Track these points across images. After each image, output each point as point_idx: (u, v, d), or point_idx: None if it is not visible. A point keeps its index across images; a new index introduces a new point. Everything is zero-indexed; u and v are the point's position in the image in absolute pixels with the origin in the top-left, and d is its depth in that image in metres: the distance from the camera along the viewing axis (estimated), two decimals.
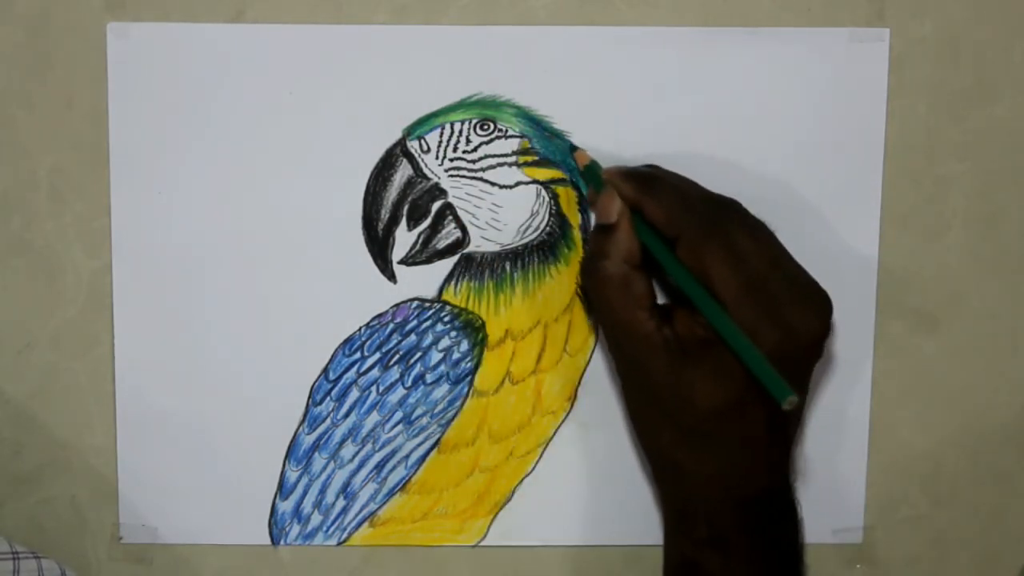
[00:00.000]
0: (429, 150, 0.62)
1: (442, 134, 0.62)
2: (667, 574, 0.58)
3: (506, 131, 0.62)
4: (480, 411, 0.63)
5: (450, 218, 0.62)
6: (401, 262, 0.63)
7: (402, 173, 0.62)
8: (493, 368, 0.63)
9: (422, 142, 0.62)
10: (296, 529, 0.64)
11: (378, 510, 0.64)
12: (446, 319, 0.63)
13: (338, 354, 0.63)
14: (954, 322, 0.64)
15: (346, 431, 0.63)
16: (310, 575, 0.65)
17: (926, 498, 0.65)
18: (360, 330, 0.63)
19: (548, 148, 0.62)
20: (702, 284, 0.53)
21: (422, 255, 0.63)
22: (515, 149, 0.62)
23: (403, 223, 0.62)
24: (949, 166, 0.63)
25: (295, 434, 0.64)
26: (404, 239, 0.62)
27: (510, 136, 0.62)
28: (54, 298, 0.63)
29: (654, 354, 0.54)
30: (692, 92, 0.62)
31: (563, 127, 0.62)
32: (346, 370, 0.63)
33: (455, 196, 0.62)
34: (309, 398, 0.63)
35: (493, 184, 0.62)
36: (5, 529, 0.63)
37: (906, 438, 0.65)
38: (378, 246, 0.62)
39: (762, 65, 0.62)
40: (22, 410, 0.63)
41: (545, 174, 0.62)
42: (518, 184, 0.62)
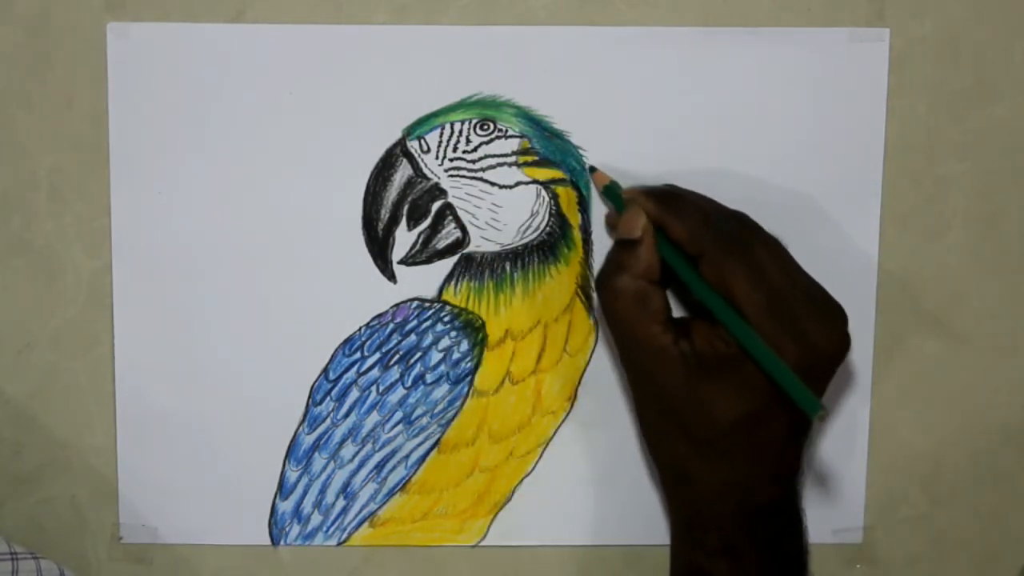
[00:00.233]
0: (429, 150, 0.62)
1: (442, 134, 0.62)
2: None
3: (506, 131, 0.62)
4: (480, 411, 0.63)
5: (450, 218, 0.62)
6: (401, 262, 0.63)
7: (402, 173, 0.62)
8: (493, 368, 0.63)
9: (422, 142, 0.62)
10: (296, 529, 0.64)
11: (378, 510, 0.64)
12: (446, 319, 0.63)
13: (338, 354, 0.63)
14: (954, 322, 0.64)
15: (346, 431, 0.63)
16: (310, 575, 0.65)
17: (926, 498, 0.65)
18: (360, 330, 0.63)
19: (548, 148, 0.62)
20: (724, 300, 0.54)
21: (422, 255, 0.63)
22: (515, 149, 0.62)
23: (403, 223, 0.62)
24: (949, 166, 0.63)
25: (295, 434, 0.64)
26: (404, 239, 0.62)
27: (510, 136, 0.62)
28: (54, 298, 0.63)
29: (670, 368, 0.54)
30: (692, 92, 0.62)
31: (563, 127, 0.62)
32: (346, 370, 0.63)
33: (455, 196, 0.62)
34: (309, 398, 0.63)
35: (493, 184, 0.62)
36: (5, 529, 0.63)
37: (906, 438, 0.65)
38: (378, 246, 0.62)
39: (762, 65, 0.62)
40: (22, 410, 0.63)
41: (545, 174, 0.62)
42: (518, 184, 0.62)
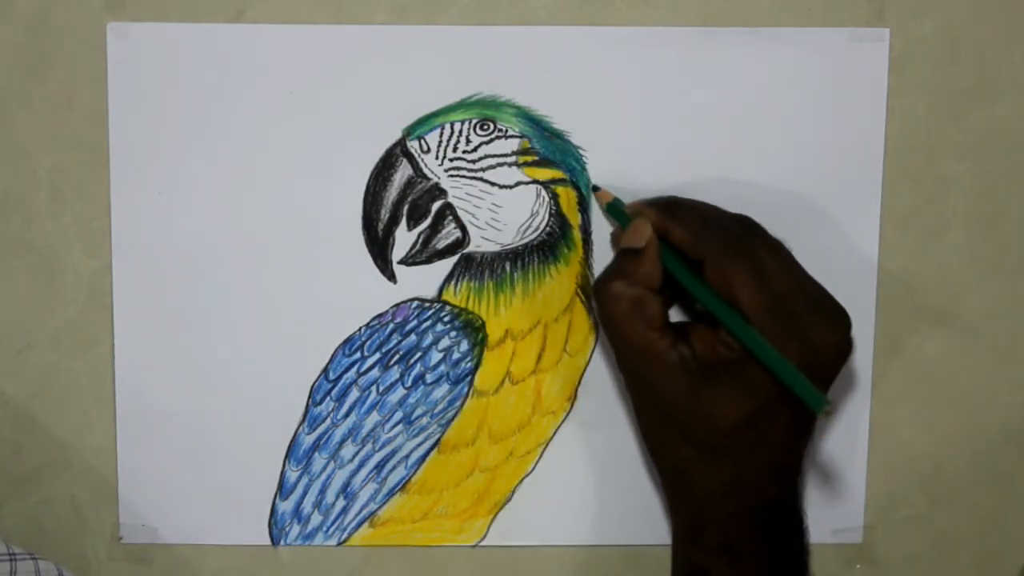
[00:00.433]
0: (429, 150, 0.62)
1: (442, 134, 0.62)
2: None
3: (506, 131, 0.62)
4: (480, 411, 0.63)
5: (450, 218, 0.62)
6: (401, 262, 0.63)
7: (402, 173, 0.62)
8: (493, 368, 0.63)
9: (422, 142, 0.62)
10: (296, 529, 0.64)
11: (378, 510, 0.64)
12: (446, 319, 0.63)
13: (338, 354, 0.63)
14: (954, 322, 0.64)
15: (346, 431, 0.63)
16: (310, 575, 0.65)
17: (926, 498, 0.65)
18: (360, 330, 0.63)
19: (548, 148, 0.62)
20: (728, 303, 0.54)
21: (422, 255, 0.63)
22: (515, 149, 0.62)
23: (403, 223, 0.62)
24: (949, 166, 0.63)
25: (295, 434, 0.64)
26: (404, 239, 0.62)
27: (510, 136, 0.62)
28: (54, 298, 0.63)
29: (668, 374, 0.54)
30: (692, 92, 0.62)
31: (563, 127, 0.62)
32: (346, 370, 0.63)
33: (455, 196, 0.62)
34: (309, 398, 0.63)
35: (493, 184, 0.62)
36: (5, 529, 0.63)
37: (906, 438, 0.65)
38: (378, 246, 0.62)
39: (762, 65, 0.62)
40: (22, 410, 0.63)
41: (545, 174, 0.62)
42: (518, 184, 0.62)
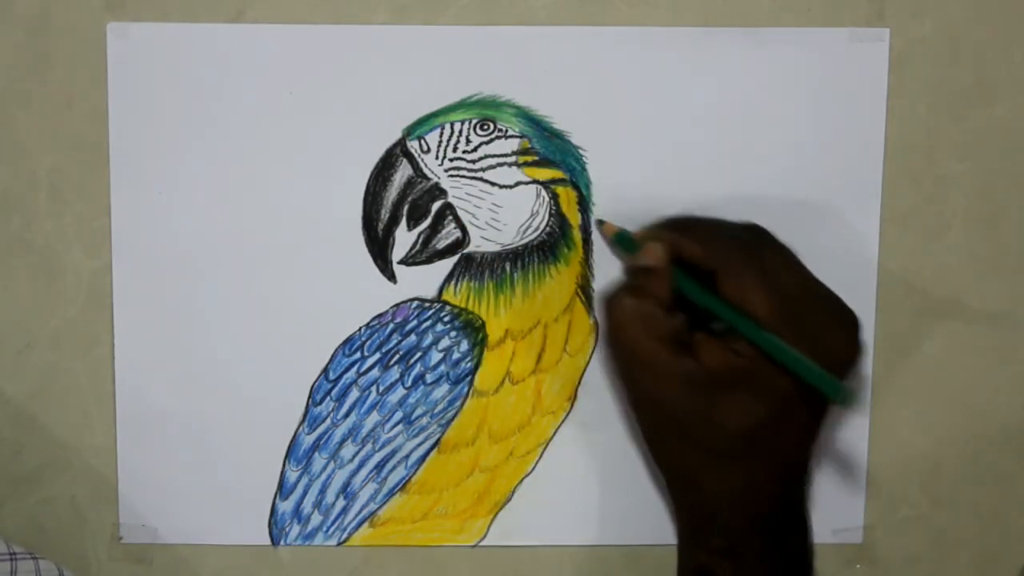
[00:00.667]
0: (429, 150, 0.62)
1: (442, 134, 0.62)
2: None
3: (506, 131, 0.62)
4: (480, 411, 0.63)
5: (450, 218, 0.62)
6: (401, 262, 0.63)
7: (402, 173, 0.62)
8: (493, 368, 0.63)
9: (422, 142, 0.62)
10: (296, 529, 0.64)
11: (378, 510, 0.64)
12: (446, 319, 0.63)
13: (338, 354, 0.63)
14: (954, 322, 0.64)
15: (346, 431, 0.63)
16: (310, 575, 0.65)
17: (926, 498, 0.65)
18: (360, 330, 0.63)
19: (548, 148, 0.62)
20: (741, 311, 0.54)
21: (422, 255, 0.63)
22: (515, 149, 0.62)
23: (403, 223, 0.62)
24: (949, 166, 0.63)
25: (295, 434, 0.64)
26: (404, 239, 0.62)
27: (510, 136, 0.62)
28: (54, 298, 0.63)
29: (674, 386, 0.54)
30: (692, 92, 0.62)
31: (563, 127, 0.62)
32: (346, 370, 0.63)
33: (455, 196, 0.62)
34: (309, 398, 0.63)
35: (493, 184, 0.62)
36: (5, 529, 0.63)
37: (906, 438, 0.65)
38: (378, 246, 0.62)
39: (762, 65, 0.62)
40: (22, 410, 0.63)
41: (545, 174, 0.62)
42: (518, 184, 0.62)
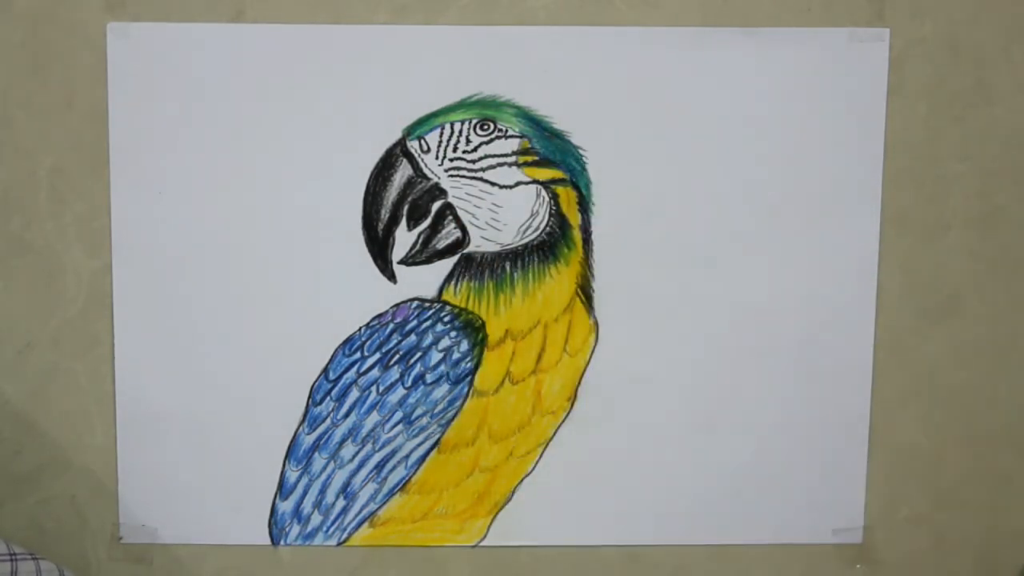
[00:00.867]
0: (429, 150, 0.62)
1: (442, 134, 0.62)
2: None
3: (506, 131, 0.62)
4: (480, 411, 0.63)
5: (450, 218, 0.62)
6: (401, 262, 0.63)
7: (402, 173, 0.62)
8: (493, 368, 0.63)
9: (422, 142, 0.62)
10: (296, 529, 0.64)
11: (378, 510, 0.64)
12: (446, 319, 0.63)
13: (338, 354, 0.63)
14: (954, 322, 0.64)
15: (346, 431, 0.63)
16: (310, 575, 0.65)
17: (926, 498, 0.65)
18: (360, 330, 0.63)
19: (548, 148, 0.62)
20: None
21: (422, 255, 0.63)
22: (515, 149, 0.62)
23: (403, 223, 0.62)
24: (949, 166, 0.63)
25: (295, 434, 0.63)
26: (404, 239, 0.62)
27: (510, 136, 0.62)
28: (54, 298, 0.63)
29: None
30: (692, 92, 0.62)
31: (563, 127, 0.62)
32: (346, 370, 0.63)
33: (455, 196, 0.62)
34: (309, 398, 0.63)
35: (493, 184, 0.62)
36: (5, 529, 0.63)
37: (906, 438, 0.65)
38: (378, 246, 0.62)
39: (762, 65, 0.62)
40: (22, 410, 0.63)
41: (545, 174, 0.62)
42: (518, 184, 0.62)
